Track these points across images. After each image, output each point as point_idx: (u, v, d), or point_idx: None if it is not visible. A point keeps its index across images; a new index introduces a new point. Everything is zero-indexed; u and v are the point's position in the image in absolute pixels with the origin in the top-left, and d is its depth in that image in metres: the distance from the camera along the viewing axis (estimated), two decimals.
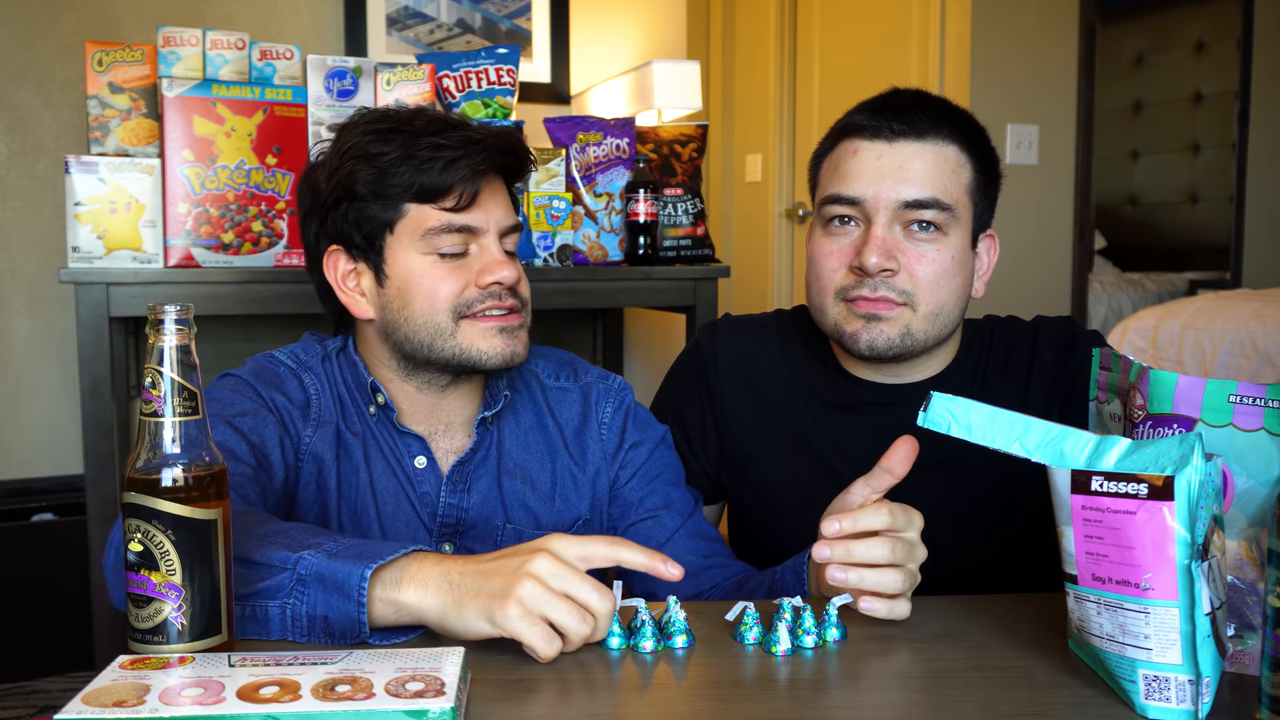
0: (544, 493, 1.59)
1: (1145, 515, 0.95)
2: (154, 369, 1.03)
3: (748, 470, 1.70)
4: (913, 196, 1.50)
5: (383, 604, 1.12)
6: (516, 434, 1.60)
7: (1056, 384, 1.60)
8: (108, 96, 2.50)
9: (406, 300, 1.48)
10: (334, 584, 1.12)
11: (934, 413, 1.13)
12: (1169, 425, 1.08)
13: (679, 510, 1.61)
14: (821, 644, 1.17)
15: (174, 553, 1.02)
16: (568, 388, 1.65)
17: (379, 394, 1.53)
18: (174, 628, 1.03)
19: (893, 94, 1.58)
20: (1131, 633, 0.99)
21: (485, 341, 1.48)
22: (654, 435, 1.66)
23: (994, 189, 1.60)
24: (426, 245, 1.46)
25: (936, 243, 1.52)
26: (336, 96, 2.55)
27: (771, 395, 1.69)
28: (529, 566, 1.09)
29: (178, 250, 2.44)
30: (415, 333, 1.48)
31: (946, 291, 1.53)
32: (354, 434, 1.53)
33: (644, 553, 1.14)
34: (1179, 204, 6.90)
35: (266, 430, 1.45)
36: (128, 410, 2.82)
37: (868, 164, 1.53)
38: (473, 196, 1.46)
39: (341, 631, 1.13)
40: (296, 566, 1.14)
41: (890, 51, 4.90)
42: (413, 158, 1.44)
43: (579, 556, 1.12)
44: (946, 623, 1.26)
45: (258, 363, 1.55)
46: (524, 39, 3.77)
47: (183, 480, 1.03)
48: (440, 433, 1.57)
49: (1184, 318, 4.21)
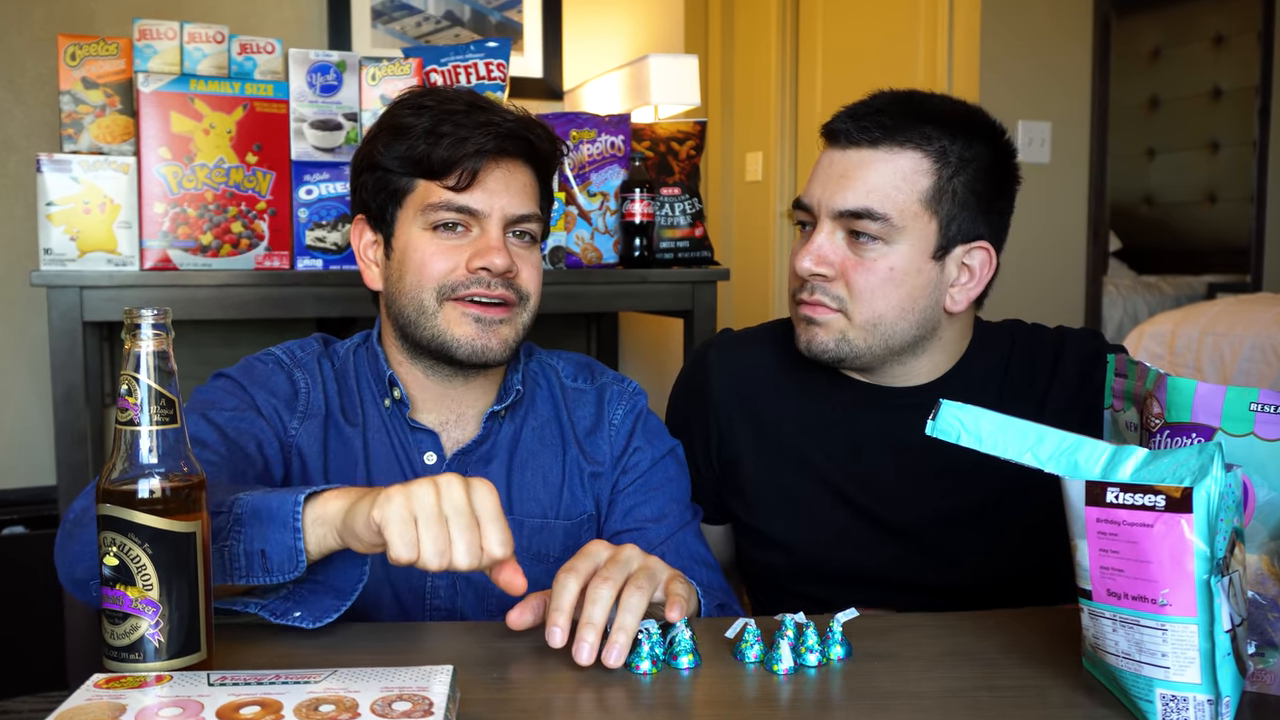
0: (554, 486, 1.61)
1: (1163, 528, 0.96)
2: (130, 376, 1.03)
3: (742, 486, 1.71)
4: (847, 206, 1.53)
5: (314, 526, 1.16)
6: (533, 424, 1.64)
7: (1076, 398, 1.61)
8: (81, 92, 2.50)
9: (402, 273, 1.53)
10: (268, 515, 1.16)
11: (943, 421, 1.13)
12: (1187, 434, 1.08)
13: (669, 525, 1.61)
14: (825, 662, 1.17)
15: (151, 567, 1.02)
16: (584, 389, 1.68)
17: (395, 388, 1.57)
18: (151, 645, 1.03)
19: (872, 98, 1.59)
20: (1148, 651, 0.99)
21: (459, 328, 1.51)
22: (661, 446, 1.67)
23: (995, 199, 1.58)
24: (425, 220, 1.51)
25: (876, 252, 1.54)
26: (319, 92, 2.55)
27: (763, 408, 1.71)
28: (439, 479, 1.12)
29: (154, 252, 2.45)
30: (405, 307, 1.53)
31: (884, 303, 1.54)
32: (353, 426, 1.57)
33: (511, 569, 1.15)
34: (1197, 204, 6.91)
35: (245, 425, 1.49)
36: (102, 419, 2.82)
37: (821, 169, 1.58)
38: (472, 176, 1.50)
39: (279, 564, 1.16)
40: (233, 508, 1.18)
41: (897, 45, 4.91)
42: (432, 133, 1.49)
43: (485, 510, 1.12)
44: (956, 639, 1.26)
45: (249, 361, 1.60)
46: (515, 32, 3.77)
47: (160, 492, 1.03)
48: (452, 423, 1.60)
49: (1203, 322, 4.22)
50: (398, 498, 1.10)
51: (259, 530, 1.16)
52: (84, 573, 1.23)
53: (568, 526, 1.60)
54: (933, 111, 1.56)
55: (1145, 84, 7.14)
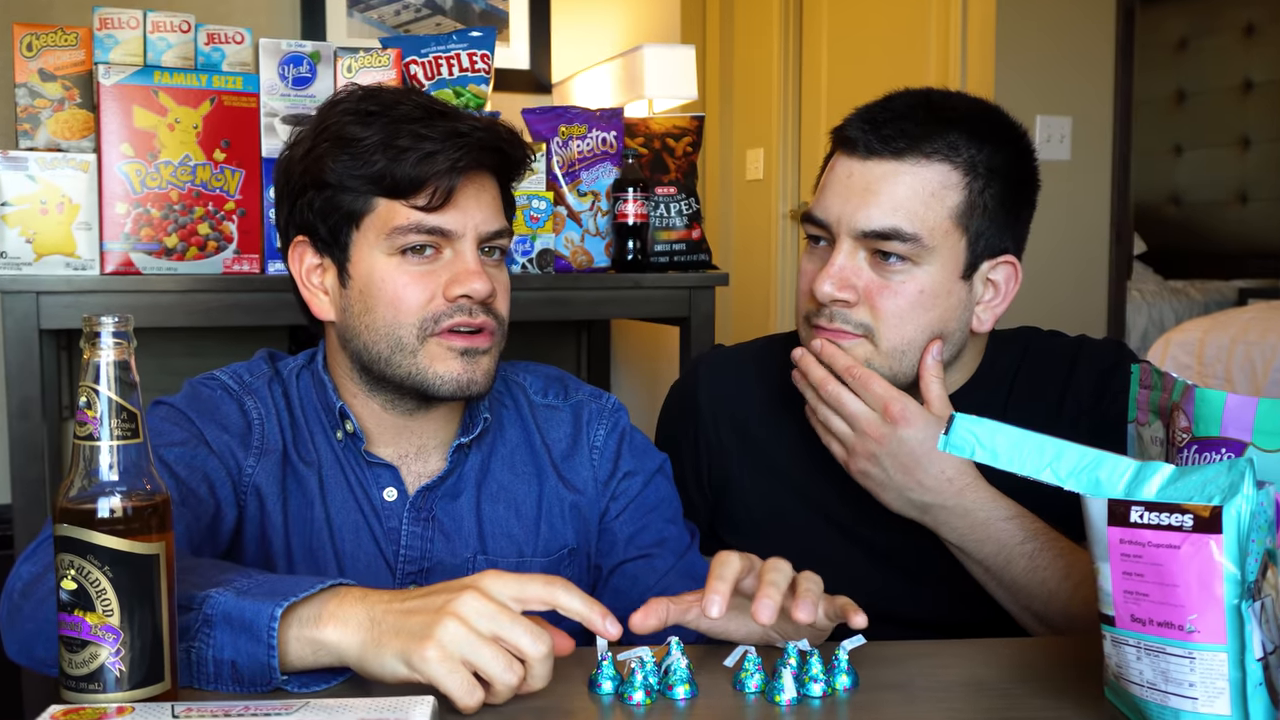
0: (529, 519, 1.58)
1: (1190, 550, 0.96)
2: (89, 387, 1.03)
3: (734, 513, 1.72)
4: (873, 226, 1.49)
5: (300, 643, 1.12)
6: (502, 452, 1.60)
7: (1091, 412, 1.60)
8: (38, 85, 2.50)
9: (369, 305, 1.46)
10: (241, 624, 1.11)
11: (956, 436, 1.13)
12: (1216, 449, 1.08)
13: (673, 549, 1.60)
14: (831, 692, 1.17)
15: (111, 591, 1.02)
16: (557, 405, 1.65)
17: (347, 420, 1.52)
18: (111, 674, 1.03)
19: (888, 99, 1.56)
20: (1175, 680, 0.99)
21: (442, 364, 1.46)
22: (650, 464, 1.65)
23: (1019, 208, 1.58)
24: (391, 244, 1.44)
25: (904, 274, 1.50)
26: (292, 85, 2.55)
27: (751, 427, 1.71)
28: (454, 605, 1.08)
29: (116, 255, 2.44)
30: (374, 342, 1.46)
31: (913, 327, 1.52)
32: (307, 464, 1.53)
33: (583, 600, 1.12)
34: (1227, 204, 6.92)
35: (197, 463, 1.44)
36: (60, 433, 2.81)
37: (839, 182, 1.53)
38: (447, 195, 1.43)
39: (251, 677, 1.12)
40: (203, 606, 1.13)
41: (907, 34, 4.92)
42: (389, 146, 1.41)
43: (513, 597, 1.11)
44: (970, 668, 1.26)
45: (194, 387, 1.54)
46: (500, 21, 3.78)
47: (121, 511, 1.02)
48: (413, 456, 1.56)
49: (1233, 330, 4.22)
50: (432, 650, 1.06)
51: (230, 638, 1.12)
52: (45, 652, 1.17)
53: (546, 564, 1.57)
54: (957, 116, 1.54)
55: (1171, 76, 7.15)
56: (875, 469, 1.50)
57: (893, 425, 1.47)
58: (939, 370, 1.51)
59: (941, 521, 1.50)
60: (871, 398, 1.48)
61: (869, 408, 1.48)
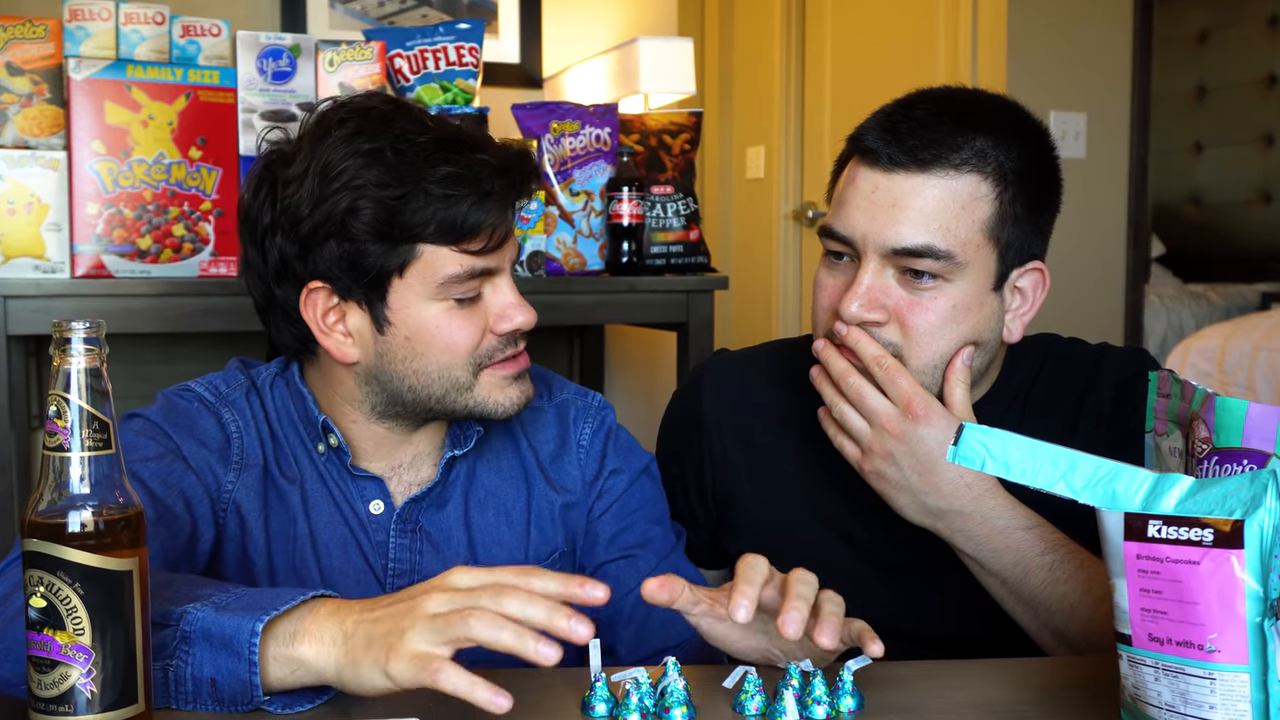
0: (519, 524, 1.60)
1: (1210, 565, 0.96)
2: (59, 396, 1.03)
3: (739, 525, 1.72)
4: (904, 244, 1.47)
5: (278, 663, 1.12)
6: (489, 457, 1.61)
7: (1109, 424, 1.60)
8: (5, 80, 2.50)
9: (419, 352, 1.47)
10: (221, 641, 1.12)
11: (965, 447, 1.13)
12: (1238, 461, 1.08)
13: (656, 551, 1.62)
14: (835, 715, 1.17)
15: (82, 609, 1.02)
16: (541, 407, 1.66)
17: (331, 434, 1.53)
18: (82, 696, 1.03)
19: (908, 104, 1.54)
20: (1195, 702, 0.99)
21: (501, 393, 1.51)
22: (637, 464, 1.67)
23: (1046, 212, 1.57)
24: (444, 293, 1.45)
25: (936, 291, 1.49)
26: (271, 79, 2.56)
27: (757, 435, 1.71)
28: (419, 608, 1.08)
29: (87, 258, 2.44)
30: (426, 385, 1.48)
31: (945, 342, 1.51)
32: (289, 478, 1.53)
33: (557, 579, 1.11)
34: (1249, 204, 6.93)
35: (173, 479, 1.44)
36: (29, 443, 2.81)
37: (862, 197, 1.51)
38: (504, 238, 1.46)
39: (231, 696, 1.12)
40: (180, 622, 1.14)
41: (914, 27, 4.92)
42: (428, 194, 1.40)
43: (485, 586, 1.11)
44: (981, 689, 1.26)
45: (169, 399, 1.53)
46: (489, 13, 3.78)
47: (93, 525, 1.02)
48: (405, 466, 1.58)
49: (1256, 336, 4.23)
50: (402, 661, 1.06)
51: (209, 655, 1.12)
52: (12, 673, 1.15)
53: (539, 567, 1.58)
54: (983, 119, 1.52)
55: (1192, 71, 7.16)
56: (891, 469, 1.49)
57: (914, 423, 1.46)
58: (966, 375, 1.51)
59: (957, 530, 1.49)
60: (896, 391, 1.47)
61: (891, 403, 1.48)
